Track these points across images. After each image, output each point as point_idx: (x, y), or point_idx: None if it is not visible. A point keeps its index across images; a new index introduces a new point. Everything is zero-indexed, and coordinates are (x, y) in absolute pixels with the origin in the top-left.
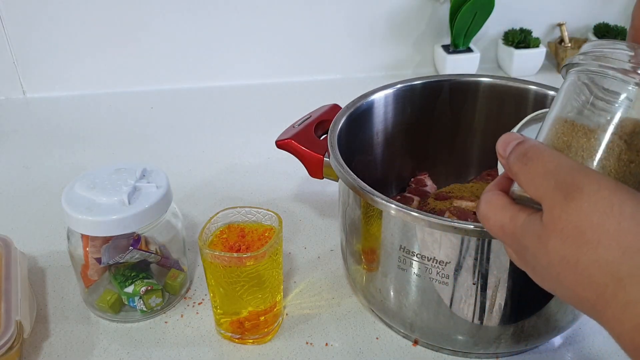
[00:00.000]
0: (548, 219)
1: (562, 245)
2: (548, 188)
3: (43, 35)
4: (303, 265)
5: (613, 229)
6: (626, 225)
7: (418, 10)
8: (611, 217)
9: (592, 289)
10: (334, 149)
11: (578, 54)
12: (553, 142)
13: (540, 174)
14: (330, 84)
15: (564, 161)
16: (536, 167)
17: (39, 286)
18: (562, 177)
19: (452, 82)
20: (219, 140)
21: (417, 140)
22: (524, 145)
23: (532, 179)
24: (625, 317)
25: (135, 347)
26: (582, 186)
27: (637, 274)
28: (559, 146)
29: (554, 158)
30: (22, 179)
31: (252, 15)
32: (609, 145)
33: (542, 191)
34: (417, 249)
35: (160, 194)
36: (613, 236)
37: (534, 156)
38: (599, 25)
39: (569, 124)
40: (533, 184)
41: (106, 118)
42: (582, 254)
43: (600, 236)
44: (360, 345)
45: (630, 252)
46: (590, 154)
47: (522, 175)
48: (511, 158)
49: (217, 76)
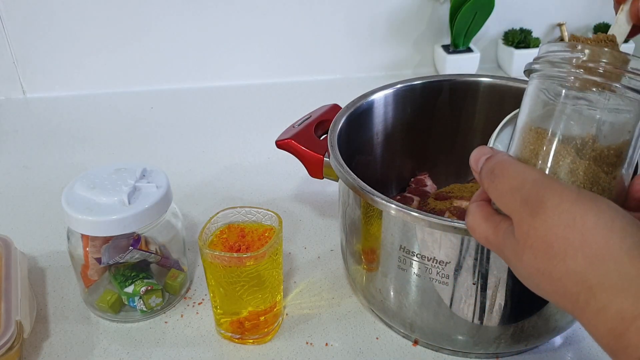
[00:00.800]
0: (519, 235)
1: (534, 260)
2: (515, 204)
3: (43, 35)
4: (303, 265)
5: (577, 241)
6: (589, 236)
7: (418, 10)
8: (574, 229)
9: (568, 298)
10: (334, 149)
11: (535, 58)
12: (521, 152)
13: (507, 191)
14: (330, 84)
15: (528, 175)
16: (502, 184)
17: (39, 286)
18: (527, 192)
19: (452, 82)
20: (219, 140)
21: (417, 140)
22: (491, 161)
23: (500, 195)
24: (599, 323)
25: (135, 347)
26: (545, 200)
27: (605, 281)
28: (527, 156)
29: (518, 173)
30: (22, 179)
31: (252, 16)
32: (566, 151)
33: (511, 207)
34: (417, 249)
35: (160, 194)
36: (578, 248)
37: (500, 172)
38: (599, 25)
39: (534, 131)
40: (502, 201)
41: (106, 118)
42: (553, 267)
43: (567, 248)
44: (360, 345)
45: (596, 262)
46: (554, 161)
47: (491, 192)
48: (482, 174)
49: (217, 76)
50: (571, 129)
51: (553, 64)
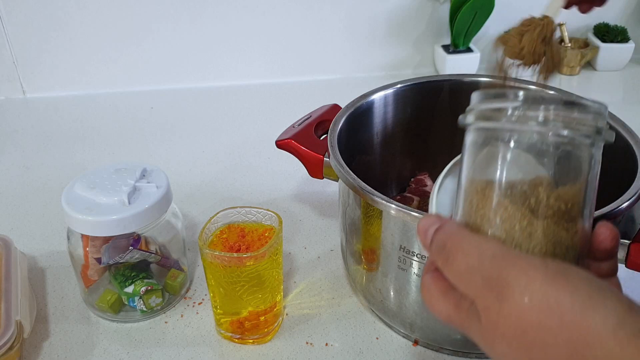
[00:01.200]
0: (487, 322)
1: (509, 349)
2: (477, 286)
3: (43, 35)
4: (303, 265)
5: (555, 326)
6: (568, 319)
7: (418, 10)
8: (550, 313)
9: None
10: (334, 149)
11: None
12: (470, 217)
13: (464, 271)
14: (330, 84)
15: (485, 250)
16: (458, 264)
17: (39, 286)
18: (487, 272)
19: (452, 82)
20: (219, 140)
21: (417, 140)
22: (440, 234)
23: (458, 276)
24: None
25: (135, 347)
26: (510, 281)
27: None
28: (477, 222)
29: (473, 249)
30: (22, 179)
31: (252, 16)
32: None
33: (472, 291)
34: (417, 249)
35: (160, 194)
36: (557, 334)
37: (453, 249)
38: (599, 25)
39: (481, 193)
40: (461, 282)
41: (106, 118)
42: (533, 355)
43: (545, 336)
44: (360, 345)
45: (581, 349)
46: (509, 225)
47: (447, 273)
48: (432, 249)
49: (217, 76)
50: (520, 184)
51: (488, 117)
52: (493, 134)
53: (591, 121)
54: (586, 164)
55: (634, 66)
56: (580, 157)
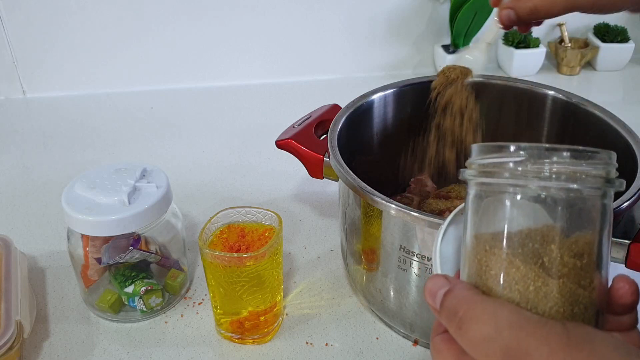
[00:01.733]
0: None
1: None
2: (495, 357)
3: (43, 35)
4: (303, 265)
5: None
6: None
7: (418, 10)
8: None
9: None
10: (334, 149)
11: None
12: (480, 278)
13: (480, 341)
14: (330, 84)
15: (501, 317)
16: (474, 333)
17: (39, 286)
18: (506, 342)
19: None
20: (219, 140)
21: (417, 140)
22: (451, 298)
23: (474, 346)
24: None
25: (135, 347)
26: (531, 352)
27: None
28: (488, 284)
29: (488, 317)
30: (22, 179)
31: (252, 16)
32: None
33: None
34: (417, 249)
35: (160, 194)
36: None
37: (467, 317)
38: (599, 25)
39: (490, 252)
40: (477, 352)
41: (106, 118)
42: None
43: None
44: (360, 345)
45: None
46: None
47: (462, 341)
48: (443, 315)
49: (217, 76)
50: (531, 243)
51: (489, 173)
52: (496, 188)
53: (600, 171)
54: (598, 215)
55: (634, 66)
56: (592, 209)
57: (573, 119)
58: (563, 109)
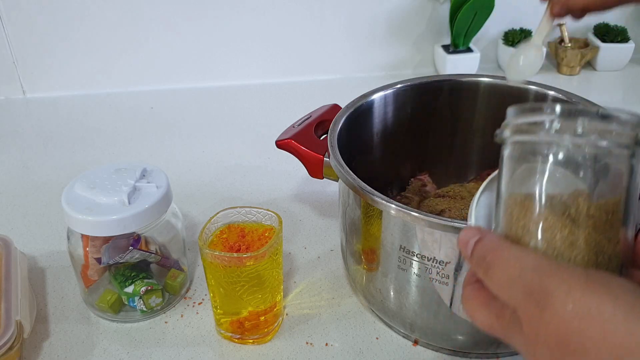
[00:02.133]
0: (528, 330)
1: (551, 357)
2: (518, 297)
3: (43, 35)
4: (303, 265)
5: (597, 335)
6: (609, 328)
7: (418, 10)
8: (591, 321)
9: None
10: (334, 149)
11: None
12: (510, 229)
13: (506, 283)
14: (330, 84)
15: (526, 261)
16: (499, 275)
17: (39, 286)
18: (528, 283)
19: (452, 82)
20: (219, 140)
21: (417, 140)
22: (481, 246)
23: (499, 288)
24: None
25: (135, 347)
26: (551, 290)
27: None
28: (518, 234)
29: (514, 260)
30: (22, 179)
31: (252, 15)
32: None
33: (514, 301)
34: (417, 249)
35: (160, 194)
36: (599, 342)
37: (494, 261)
38: (599, 25)
39: (520, 204)
40: (502, 293)
41: (106, 118)
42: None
43: (586, 343)
44: (360, 345)
45: (622, 356)
46: (550, 235)
47: (489, 284)
48: (473, 261)
49: (217, 76)
50: (560, 195)
51: (525, 131)
52: (530, 147)
53: (630, 132)
54: (626, 175)
55: (634, 66)
56: (620, 168)
57: None
58: None
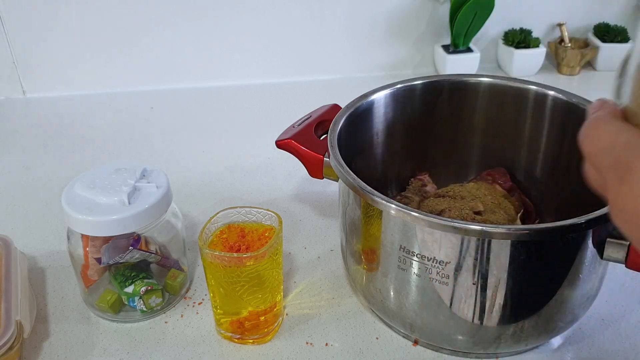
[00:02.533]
0: (610, 198)
1: (624, 224)
2: (606, 165)
3: (43, 35)
4: (303, 265)
5: None
6: None
7: (418, 10)
8: None
9: None
10: (334, 149)
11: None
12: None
13: (598, 151)
14: (330, 84)
15: (620, 136)
16: (592, 144)
17: (39, 286)
18: (617, 156)
19: (452, 82)
20: (218, 140)
21: (417, 140)
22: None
23: (591, 155)
24: None
25: (135, 347)
26: (633, 167)
27: None
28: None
29: (609, 134)
30: (22, 179)
31: (251, 15)
32: None
33: (600, 168)
34: (417, 249)
35: (160, 194)
36: None
37: (591, 129)
38: (599, 25)
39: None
40: (591, 159)
41: (106, 118)
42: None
43: None
44: (360, 345)
45: None
46: None
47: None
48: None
49: (217, 76)
50: None
51: None
52: None
53: None
54: None
55: None
56: None
57: (573, 119)
58: (563, 109)
